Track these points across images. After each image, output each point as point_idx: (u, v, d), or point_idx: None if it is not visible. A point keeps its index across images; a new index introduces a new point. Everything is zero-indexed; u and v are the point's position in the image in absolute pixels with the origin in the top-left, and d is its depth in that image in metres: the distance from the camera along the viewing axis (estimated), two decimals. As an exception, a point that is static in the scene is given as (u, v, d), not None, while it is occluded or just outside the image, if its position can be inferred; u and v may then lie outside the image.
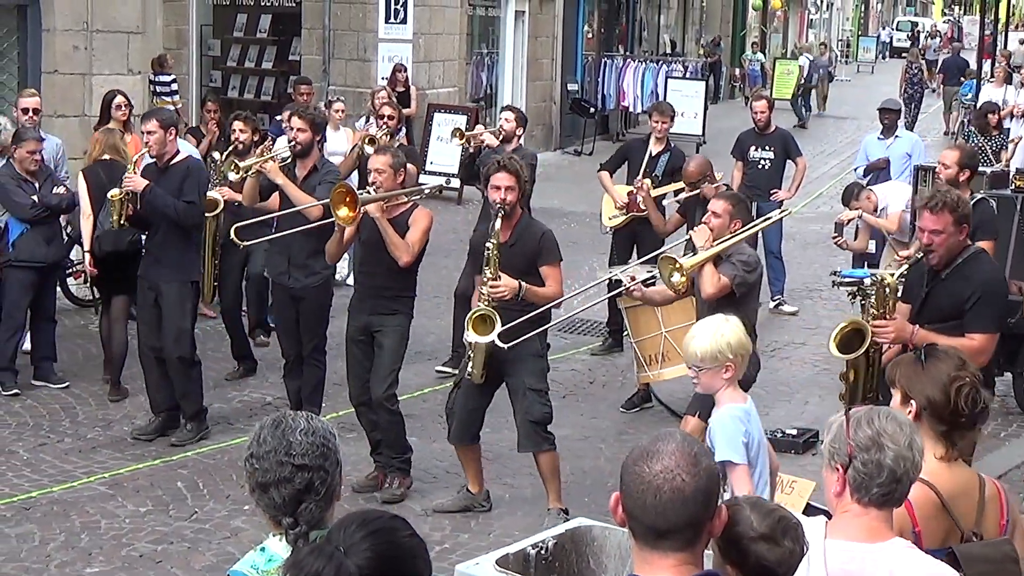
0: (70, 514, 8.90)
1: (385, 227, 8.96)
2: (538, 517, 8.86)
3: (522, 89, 26.94)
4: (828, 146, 31.06)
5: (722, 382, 6.05)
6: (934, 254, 7.32)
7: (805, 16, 56.02)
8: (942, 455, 4.64)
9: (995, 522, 4.64)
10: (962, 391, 4.65)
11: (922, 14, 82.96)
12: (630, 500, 3.25)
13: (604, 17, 32.04)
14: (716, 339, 5.99)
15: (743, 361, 6.09)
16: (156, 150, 10.22)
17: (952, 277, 7.38)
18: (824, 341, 13.58)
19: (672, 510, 3.21)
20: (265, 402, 11.28)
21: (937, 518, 4.50)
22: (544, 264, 8.73)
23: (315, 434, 3.82)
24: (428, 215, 9.29)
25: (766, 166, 14.78)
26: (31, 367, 11.58)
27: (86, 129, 14.30)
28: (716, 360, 5.97)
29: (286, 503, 3.77)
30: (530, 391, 8.78)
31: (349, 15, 21.61)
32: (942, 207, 7.23)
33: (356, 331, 9.34)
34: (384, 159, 9.19)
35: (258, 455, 3.81)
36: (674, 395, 11.59)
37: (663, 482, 3.20)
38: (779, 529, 3.84)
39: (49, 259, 11.46)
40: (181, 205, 10.13)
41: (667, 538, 3.24)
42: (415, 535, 3.24)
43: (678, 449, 3.25)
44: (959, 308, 7.32)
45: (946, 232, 7.24)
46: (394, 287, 9.24)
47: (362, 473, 9.53)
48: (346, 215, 8.89)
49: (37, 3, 14.57)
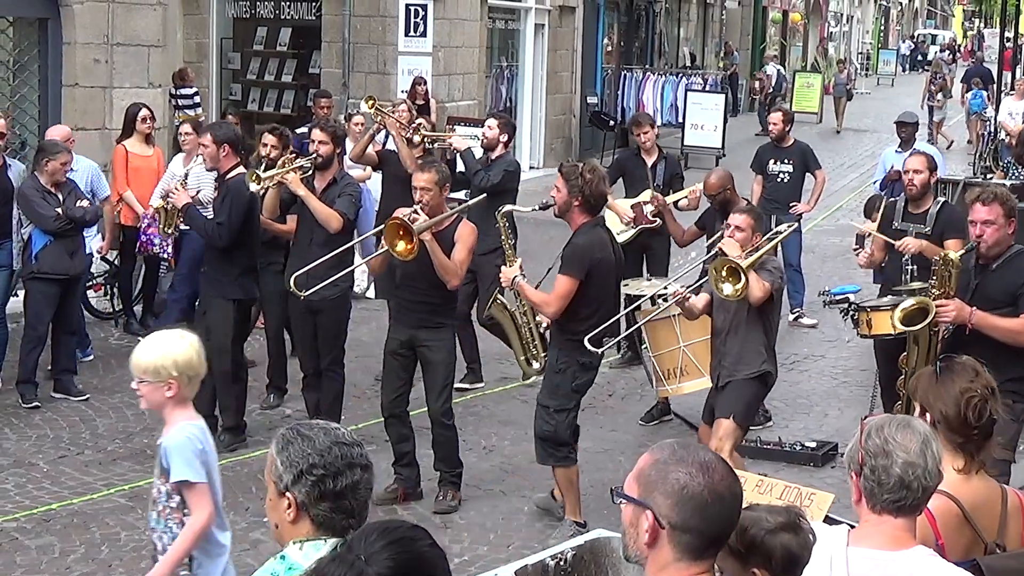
0: (90, 526, 8.92)
1: (435, 251, 8.88)
2: (557, 529, 8.88)
3: (542, 102, 26.97)
4: (848, 159, 31.01)
5: (164, 399, 5.78)
6: (985, 244, 7.57)
7: (825, 29, 55.98)
8: (961, 467, 4.64)
9: (1018, 533, 4.65)
10: (971, 403, 4.66)
11: (942, 27, 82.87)
12: (692, 513, 3.27)
13: (623, 30, 32.06)
14: (161, 354, 5.73)
15: (190, 382, 5.80)
16: (209, 164, 10.40)
17: (1002, 269, 7.64)
18: (844, 354, 13.70)
19: (734, 515, 3.33)
20: (284, 415, 11.28)
21: (959, 530, 4.50)
22: (559, 271, 8.70)
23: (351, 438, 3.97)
24: (473, 231, 9.24)
25: (785, 179, 14.77)
26: (51, 380, 11.62)
27: (107, 142, 14.36)
28: (158, 375, 5.71)
29: (361, 507, 3.90)
30: (539, 406, 8.87)
31: (369, 28, 21.66)
32: (993, 199, 7.58)
33: (397, 344, 9.32)
34: (429, 176, 9.07)
35: (323, 464, 3.86)
36: (693, 408, 11.58)
37: (725, 489, 3.29)
38: (793, 516, 3.93)
39: (72, 272, 11.51)
40: (211, 225, 10.19)
41: (718, 544, 3.33)
42: (435, 545, 3.25)
43: (716, 458, 3.36)
44: (1012, 296, 7.58)
45: (997, 223, 7.55)
46: (437, 300, 9.18)
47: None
48: (404, 248, 8.77)
49: (58, 16, 14.64)
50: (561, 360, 8.78)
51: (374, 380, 11.35)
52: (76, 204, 11.43)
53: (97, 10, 14.73)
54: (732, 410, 8.66)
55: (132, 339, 13.35)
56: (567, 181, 8.62)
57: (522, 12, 26.57)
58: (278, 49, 23.62)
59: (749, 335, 8.74)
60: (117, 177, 13.35)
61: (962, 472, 4.64)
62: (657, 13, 33.76)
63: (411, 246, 8.74)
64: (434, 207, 9.02)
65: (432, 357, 9.24)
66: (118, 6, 14.90)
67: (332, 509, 3.85)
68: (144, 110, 13.37)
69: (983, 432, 4.69)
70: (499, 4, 25.28)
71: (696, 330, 10.43)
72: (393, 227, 8.83)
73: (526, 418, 10.74)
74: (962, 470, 4.64)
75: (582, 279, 8.54)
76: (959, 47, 68.69)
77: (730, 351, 8.80)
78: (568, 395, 8.81)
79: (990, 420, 4.70)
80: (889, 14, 73.17)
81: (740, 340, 8.76)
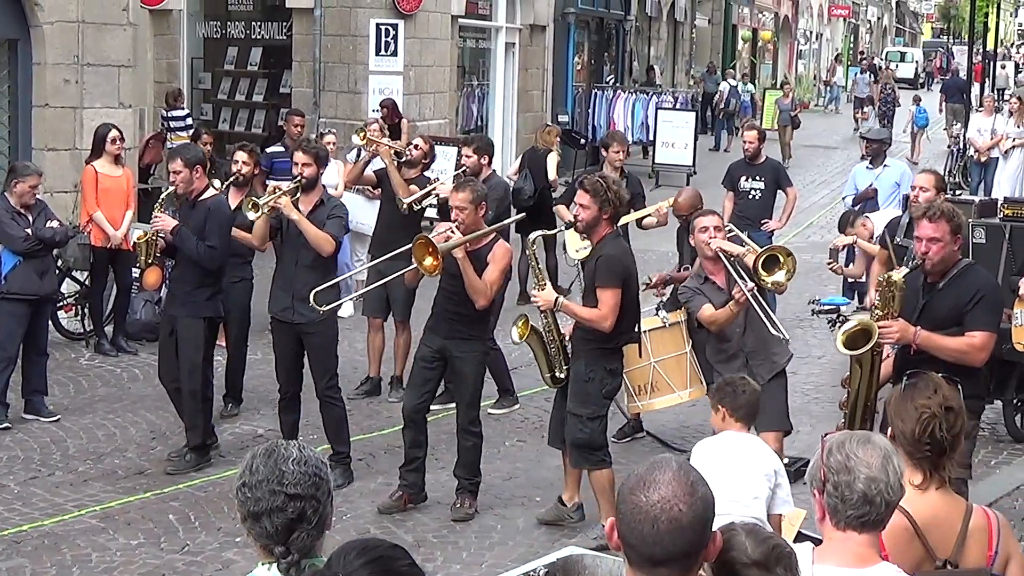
0: (61, 547, 8.87)
1: (467, 269, 9.07)
2: (530, 547, 8.88)
3: (513, 120, 27.01)
4: (818, 176, 31.16)
5: None
6: (931, 261, 7.44)
7: (794, 47, 56.24)
8: (919, 482, 4.67)
9: (980, 552, 4.64)
10: (922, 419, 4.69)
11: (911, 44, 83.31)
12: (627, 529, 3.24)
13: (594, 49, 32.14)
14: None
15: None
16: (183, 188, 10.30)
17: (949, 286, 7.51)
18: (815, 371, 13.74)
19: (669, 540, 3.20)
20: (256, 434, 11.25)
21: (909, 544, 4.51)
22: (598, 285, 8.74)
23: (307, 463, 3.81)
24: (508, 252, 9.44)
25: (757, 196, 14.83)
26: (22, 400, 11.57)
27: (77, 163, 14.33)
28: None
29: (278, 532, 3.77)
30: (571, 415, 9.00)
31: (340, 48, 21.67)
32: (939, 216, 7.42)
33: (429, 352, 9.52)
34: (464, 195, 9.23)
35: (250, 484, 3.80)
36: (665, 426, 11.61)
37: (660, 512, 3.19)
38: (772, 557, 3.85)
39: (42, 292, 11.49)
40: (203, 248, 10.19)
41: (664, 566, 3.23)
42: (414, 564, 3.26)
43: (675, 478, 3.23)
44: (959, 313, 7.44)
45: (943, 240, 7.40)
46: (472, 313, 9.34)
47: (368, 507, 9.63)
48: (431, 264, 8.91)
49: (28, 37, 14.62)
50: (589, 369, 8.92)
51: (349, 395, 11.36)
52: (46, 225, 11.43)
53: (67, 30, 14.71)
54: (780, 423, 9.04)
55: (103, 360, 13.36)
56: (595, 196, 8.69)
57: (493, 31, 26.62)
58: (249, 69, 23.63)
59: (763, 324, 8.91)
60: (87, 198, 13.31)
61: (919, 487, 4.66)
62: (627, 32, 33.86)
63: (437, 263, 8.89)
64: (469, 225, 9.20)
65: (462, 369, 9.49)
66: (88, 26, 14.89)
67: (253, 530, 3.82)
68: (114, 131, 13.33)
69: (935, 448, 4.71)
70: (469, 23, 25.31)
71: (667, 346, 10.48)
72: (421, 246, 8.98)
73: (497, 436, 10.75)
74: (919, 485, 4.67)
75: (622, 288, 8.72)
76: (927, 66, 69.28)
77: (754, 347, 9.01)
78: (600, 402, 8.98)
79: (944, 437, 4.72)
80: (858, 32, 73.53)
81: (758, 332, 8.95)
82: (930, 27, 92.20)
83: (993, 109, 25.70)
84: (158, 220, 10.35)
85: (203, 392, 10.47)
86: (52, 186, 13.98)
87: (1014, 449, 11.45)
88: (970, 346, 7.41)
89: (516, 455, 11.00)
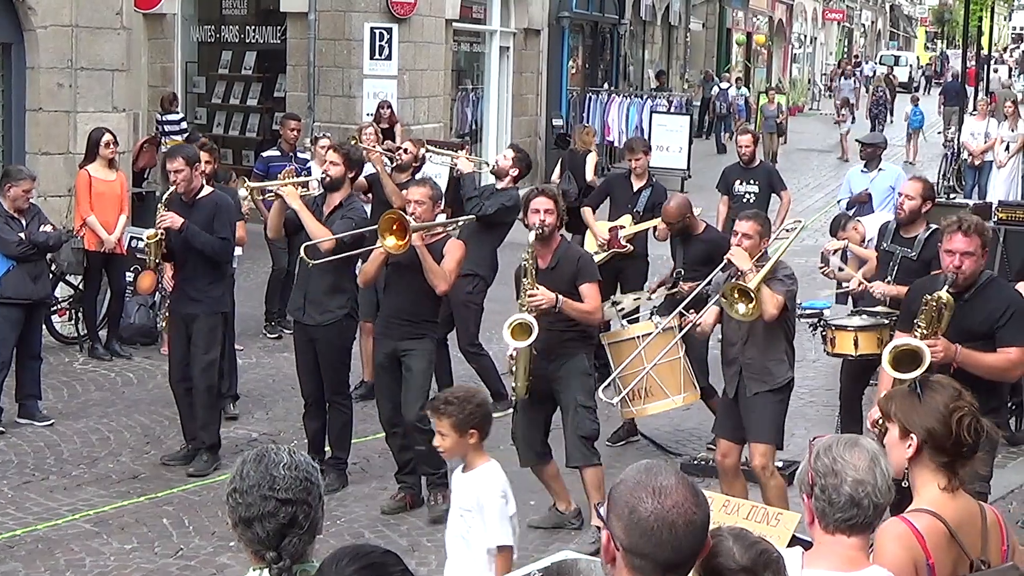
0: (55, 552, 8.86)
1: (425, 255, 9.12)
2: (524, 551, 8.85)
3: (507, 124, 27.02)
4: (812, 179, 31.17)
5: None
6: (963, 275, 7.35)
7: (789, 51, 56.28)
8: (945, 485, 4.62)
9: (997, 548, 4.67)
10: (963, 421, 4.63)
11: (905, 48, 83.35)
12: (641, 539, 3.24)
13: (588, 52, 32.15)
14: None
15: None
16: (184, 187, 10.28)
17: (975, 299, 7.44)
18: (810, 374, 13.72)
19: (687, 543, 3.24)
20: (251, 438, 11.24)
21: (947, 548, 4.50)
22: (582, 283, 8.99)
23: (298, 468, 3.81)
24: (461, 246, 9.51)
25: (751, 200, 14.83)
26: (16, 405, 11.55)
27: (71, 167, 14.30)
28: None
29: (269, 537, 3.77)
30: (581, 407, 9.06)
31: (334, 52, 21.67)
32: (973, 230, 7.35)
33: (384, 358, 9.57)
34: (423, 191, 9.35)
35: (241, 490, 3.80)
36: (659, 430, 11.60)
37: (677, 516, 3.23)
38: (760, 562, 3.84)
39: (35, 296, 11.49)
40: (217, 241, 10.25)
41: (674, 571, 3.27)
42: (407, 570, 3.26)
43: (680, 482, 3.29)
44: (989, 327, 7.39)
45: (976, 254, 7.36)
46: (420, 311, 9.40)
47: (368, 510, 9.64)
48: (395, 244, 8.99)
49: (22, 41, 14.59)
50: (591, 363, 9.26)
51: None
52: (39, 229, 11.42)
53: (61, 34, 14.69)
54: (768, 435, 8.74)
55: (97, 364, 13.34)
56: (557, 202, 9.06)
57: (487, 35, 26.64)
58: (243, 73, 23.65)
59: (769, 341, 8.66)
60: (80, 202, 13.30)
61: (945, 490, 4.62)
62: (622, 35, 33.87)
63: (401, 243, 8.95)
64: (425, 220, 9.28)
65: (411, 364, 9.42)
66: (82, 30, 14.86)
67: (244, 535, 3.82)
68: (107, 135, 13.31)
69: (971, 450, 4.69)
70: (464, 27, 25.33)
71: (660, 351, 10.45)
72: (389, 220, 9.04)
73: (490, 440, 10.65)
74: (946, 488, 4.63)
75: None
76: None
77: (752, 360, 8.70)
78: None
79: (985, 437, 4.71)
80: (852, 36, 73.59)
81: (760, 347, 8.66)
82: (924, 31, 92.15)
83: (987, 113, 25.74)
84: (165, 218, 10.28)
85: (218, 389, 10.57)
86: (46, 190, 13.94)
87: (1009, 452, 11.45)
88: (1009, 362, 7.37)
89: (510, 459, 10.95)
